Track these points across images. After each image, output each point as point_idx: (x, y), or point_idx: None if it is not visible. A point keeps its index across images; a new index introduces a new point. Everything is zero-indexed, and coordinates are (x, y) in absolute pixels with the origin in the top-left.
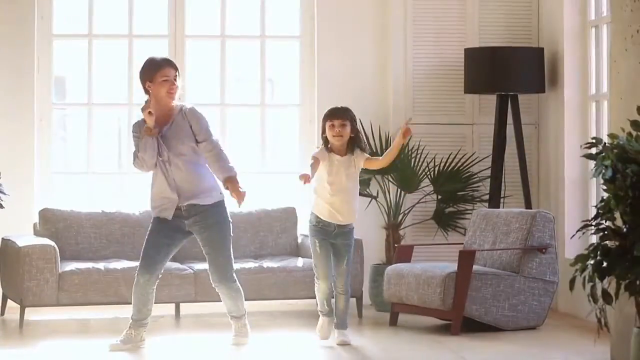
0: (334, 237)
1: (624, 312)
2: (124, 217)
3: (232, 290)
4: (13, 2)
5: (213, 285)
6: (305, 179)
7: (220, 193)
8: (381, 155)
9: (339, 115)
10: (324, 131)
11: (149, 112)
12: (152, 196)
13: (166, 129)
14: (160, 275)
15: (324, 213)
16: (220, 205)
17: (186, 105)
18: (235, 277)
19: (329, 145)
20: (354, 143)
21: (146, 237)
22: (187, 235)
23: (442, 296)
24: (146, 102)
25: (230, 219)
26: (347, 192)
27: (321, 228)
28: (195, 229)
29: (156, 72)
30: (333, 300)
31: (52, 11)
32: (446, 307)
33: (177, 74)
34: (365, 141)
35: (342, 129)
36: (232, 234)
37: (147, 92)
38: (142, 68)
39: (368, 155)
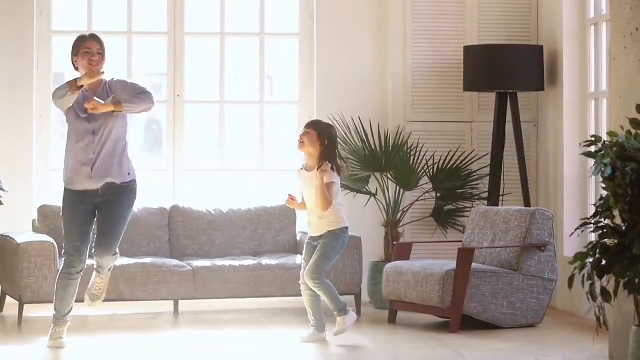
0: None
1: (623, 310)
2: None
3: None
4: None
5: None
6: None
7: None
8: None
9: (307, 124)
10: None
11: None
12: (66, 167)
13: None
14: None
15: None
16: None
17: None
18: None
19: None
20: (323, 158)
21: (67, 222)
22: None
23: (441, 294)
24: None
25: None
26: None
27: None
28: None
29: (80, 45)
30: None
31: (51, 7)
32: (445, 304)
33: (101, 48)
34: (341, 162)
35: (304, 136)
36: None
37: (75, 68)
38: (72, 46)
39: (328, 180)
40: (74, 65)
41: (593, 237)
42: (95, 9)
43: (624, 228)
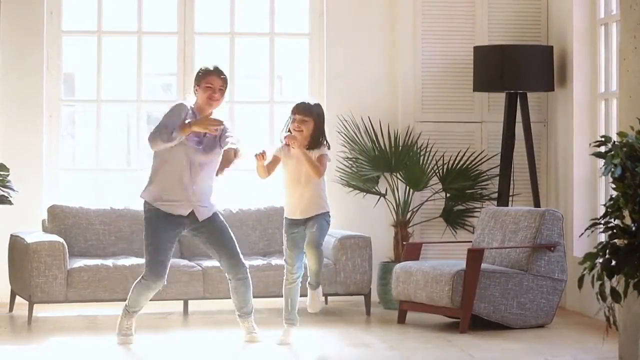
0: (303, 231)
1: (633, 311)
2: (132, 213)
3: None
4: None
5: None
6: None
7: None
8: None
9: (301, 111)
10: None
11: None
12: (162, 187)
13: (205, 138)
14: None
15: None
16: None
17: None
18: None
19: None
20: (315, 142)
21: (152, 238)
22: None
23: (451, 294)
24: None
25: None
26: (305, 186)
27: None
28: (202, 231)
29: (203, 78)
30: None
31: (61, 7)
32: (454, 305)
33: (223, 85)
34: (328, 145)
35: (302, 124)
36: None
37: (195, 95)
38: (197, 73)
39: (322, 154)
40: (195, 93)
41: (603, 238)
42: (105, 8)
43: (633, 228)
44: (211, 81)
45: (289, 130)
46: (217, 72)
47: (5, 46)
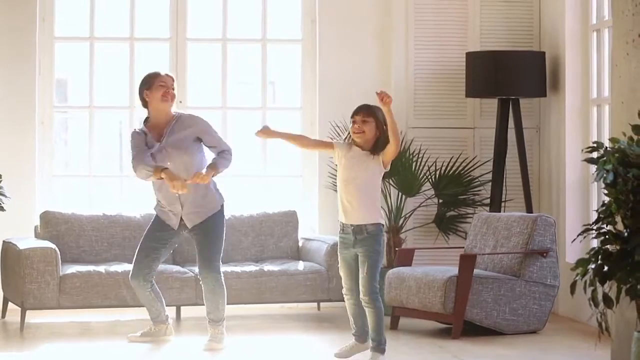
0: (353, 243)
1: (625, 317)
2: (125, 220)
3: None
4: (15, 4)
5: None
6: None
7: (220, 196)
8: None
9: (361, 111)
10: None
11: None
12: (158, 199)
13: (164, 140)
14: (152, 276)
15: (340, 213)
16: (219, 213)
17: (183, 112)
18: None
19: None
20: (380, 144)
21: (142, 237)
22: (181, 238)
23: (443, 300)
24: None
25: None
26: (364, 188)
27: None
28: (193, 235)
29: (154, 79)
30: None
31: (53, 14)
32: (447, 311)
33: (174, 84)
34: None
35: (363, 125)
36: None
37: (144, 104)
38: (142, 80)
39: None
40: (143, 99)
41: (595, 243)
42: (97, 15)
43: (626, 234)
44: (163, 79)
45: (349, 135)
46: (164, 73)
47: None
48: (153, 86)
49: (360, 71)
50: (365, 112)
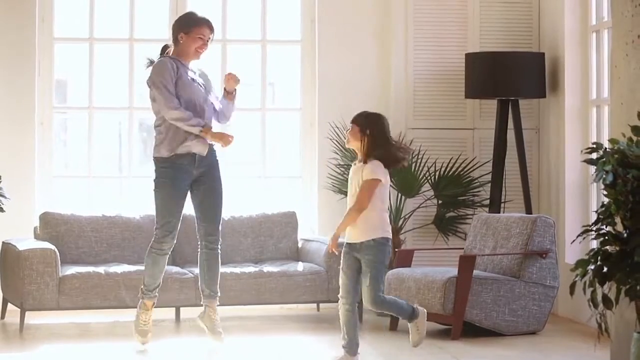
0: (358, 249)
1: (625, 317)
2: (124, 221)
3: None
4: (14, 5)
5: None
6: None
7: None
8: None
9: (353, 119)
10: None
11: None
12: (178, 138)
13: (195, 77)
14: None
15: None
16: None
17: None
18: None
19: None
20: (367, 154)
21: (168, 199)
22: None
23: (443, 301)
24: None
25: None
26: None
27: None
28: (202, 178)
29: (195, 27)
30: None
31: (53, 14)
32: (446, 311)
33: (212, 36)
34: (398, 153)
35: (349, 133)
36: None
37: (175, 42)
38: (181, 19)
39: (368, 176)
40: (175, 37)
41: (594, 244)
42: (97, 15)
43: (625, 235)
44: (204, 32)
45: (348, 139)
46: (209, 23)
47: None
48: (191, 33)
49: (360, 72)
50: (352, 119)
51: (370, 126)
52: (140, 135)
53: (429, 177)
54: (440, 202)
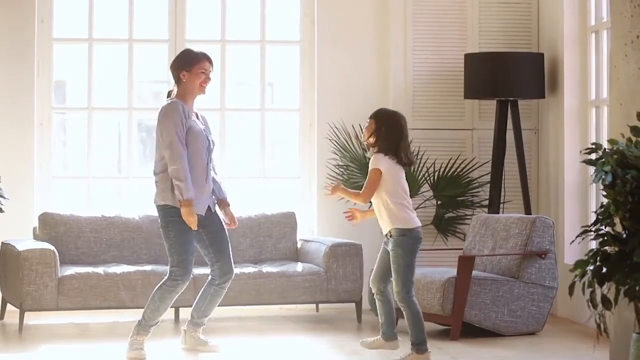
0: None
1: (624, 318)
2: (123, 221)
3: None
4: (13, 5)
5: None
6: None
7: None
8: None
9: (371, 115)
10: None
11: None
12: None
13: (199, 122)
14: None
15: None
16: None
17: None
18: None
19: None
20: (382, 143)
21: (182, 237)
22: None
23: (442, 301)
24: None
25: None
26: (376, 195)
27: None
28: (207, 223)
29: (196, 63)
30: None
31: (52, 15)
32: (445, 312)
33: (211, 67)
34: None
35: (365, 129)
36: None
37: (178, 81)
38: (180, 58)
39: (373, 166)
40: (177, 77)
41: (594, 245)
42: (96, 16)
43: (624, 235)
44: (205, 67)
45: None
46: (208, 57)
47: None
48: (194, 70)
49: (359, 72)
50: (371, 115)
51: (387, 124)
52: (140, 136)
53: (428, 178)
54: (439, 202)
